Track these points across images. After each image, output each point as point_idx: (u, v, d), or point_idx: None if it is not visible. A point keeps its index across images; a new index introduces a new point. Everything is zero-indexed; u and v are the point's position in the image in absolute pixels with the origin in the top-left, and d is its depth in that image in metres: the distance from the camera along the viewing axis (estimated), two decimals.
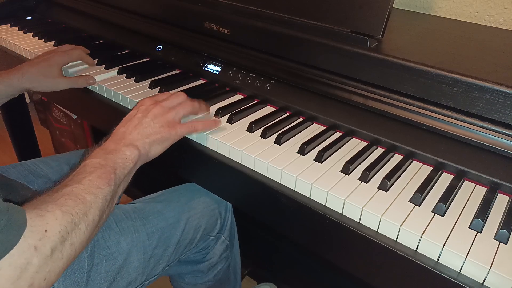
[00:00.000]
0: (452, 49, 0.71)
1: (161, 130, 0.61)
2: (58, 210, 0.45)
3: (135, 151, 0.57)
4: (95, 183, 0.50)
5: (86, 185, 0.50)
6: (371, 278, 0.54)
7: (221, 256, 0.86)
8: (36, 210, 0.43)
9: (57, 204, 0.45)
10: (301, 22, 0.73)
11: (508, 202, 0.54)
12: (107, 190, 0.51)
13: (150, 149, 0.60)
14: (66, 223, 0.44)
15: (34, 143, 1.52)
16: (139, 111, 0.63)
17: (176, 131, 0.62)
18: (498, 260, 0.45)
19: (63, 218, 0.44)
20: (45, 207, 0.44)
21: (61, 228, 0.44)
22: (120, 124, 0.62)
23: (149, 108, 0.63)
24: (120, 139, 0.59)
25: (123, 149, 0.57)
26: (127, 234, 0.67)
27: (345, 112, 0.69)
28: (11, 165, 0.80)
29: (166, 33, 0.93)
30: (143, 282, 0.71)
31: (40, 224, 0.42)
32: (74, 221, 0.46)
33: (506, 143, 0.56)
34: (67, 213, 0.45)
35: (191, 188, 0.81)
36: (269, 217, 0.64)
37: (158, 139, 0.61)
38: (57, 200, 0.46)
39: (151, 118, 0.61)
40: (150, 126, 0.61)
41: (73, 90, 0.87)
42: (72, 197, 0.47)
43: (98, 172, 0.52)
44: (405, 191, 0.56)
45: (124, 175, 0.55)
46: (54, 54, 0.83)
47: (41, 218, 0.43)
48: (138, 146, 0.58)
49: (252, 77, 0.79)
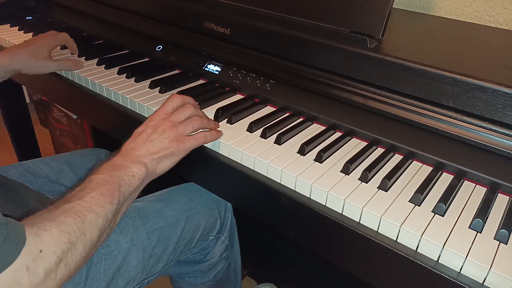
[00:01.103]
0: (452, 49, 0.71)
1: (170, 145, 0.60)
2: (56, 229, 0.43)
3: (142, 168, 0.57)
4: (98, 201, 0.49)
5: (88, 202, 0.49)
6: (371, 278, 0.54)
7: (221, 256, 0.86)
8: (33, 228, 0.42)
9: (56, 222, 0.44)
10: (301, 22, 0.73)
11: (508, 202, 0.54)
12: (109, 209, 0.50)
13: (158, 166, 0.60)
14: (63, 243, 0.43)
15: (34, 143, 1.52)
16: (148, 126, 0.62)
17: (185, 145, 0.61)
18: (498, 260, 0.45)
19: (60, 238, 0.43)
20: (43, 225, 0.43)
21: (57, 248, 0.43)
22: (129, 139, 0.61)
23: (158, 124, 0.62)
24: (128, 155, 0.58)
25: (131, 165, 0.56)
26: (127, 233, 0.67)
27: (345, 112, 0.68)
28: (11, 165, 0.81)
29: (166, 33, 0.93)
30: (142, 281, 0.71)
31: (36, 243, 0.41)
32: (71, 241, 0.44)
33: (506, 143, 0.56)
34: (65, 232, 0.44)
35: (191, 188, 0.81)
36: (269, 217, 0.64)
37: (167, 154, 0.60)
38: (57, 217, 0.45)
39: (160, 133, 0.60)
40: (159, 141, 0.60)
41: (73, 90, 0.88)
42: (72, 215, 0.46)
43: (102, 189, 0.51)
44: (405, 191, 0.56)
45: (129, 193, 0.55)
46: (42, 37, 0.86)
47: (38, 237, 0.41)
48: (146, 163, 0.58)
49: (252, 77, 0.79)
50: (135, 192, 0.57)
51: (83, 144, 1.63)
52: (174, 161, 0.62)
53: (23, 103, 1.44)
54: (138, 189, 0.57)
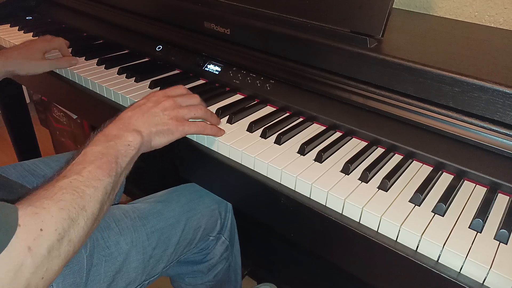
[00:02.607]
0: (452, 49, 0.71)
1: (169, 122, 0.59)
2: (54, 206, 0.42)
3: (138, 137, 0.56)
4: (95, 174, 0.48)
5: (85, 176, 0.47)
6: (371, 278, 0.54)
7: (221, 256, 0.86)
8: (31, 207, 0.41)
9: (54, 200, 0.43)
10: (301, 22, 0.72)
11: (508, 202, 0.54)
12: (107, 181, 0.49)
13: (154, 138, 0.59)
14: (62, 220, 0.42)
15: (34, 143, 1.52)
16: (150, 101, 0.61)
17: (183, 127, 0.61)
18: (498, 260, 0.45)
19: (59, 215, 0.42)
20: (41, 203, 0.42)
21: (58, 225, 0.42)
22: (127, 108, 0.60)
23: (161, 100, 0.61)
24: (124, 124, 0.57)
25: (126, 134, 0.55)
26: (127, 234, 0.67)
27: (345, 112, 0.68)
28: (11, 165, 0.80)
29: (166, 33, 0.93)
30: (143, 282, 0.71)
31: (35, 222, 0.40)
32: (72, 217, 0.44)
33: (506, 143, 0.56)
34: (64, 209, 0.43)
35: (191, 189, 0.81)
36: (269, 217, 0.64)
37: (165, 130, 0.59)
38: (54, 195, 0.44)
39: (161, 109, 0.60)
40: (158, 116, 0.59)
41: (73, 90, 0.88)
42: (69, 190, 0.45)
43: (99, 162, 0.50)
44: (405, 191, 0.56)
45: (126, 163, 0.54)
46: (36, 40, 0.88)
47: (36, 216, 0.41)
48: (142, 133, 0.57)
49: (252, 77, 0.79)
50: (131, 162, 0.56)
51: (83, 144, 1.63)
52: (170, 139, 0.61)
53: (23, 103, 1.44)
54: (134, 158, 0.56)
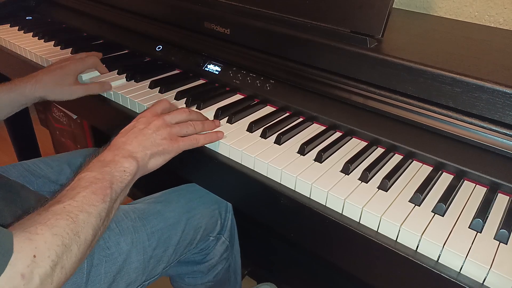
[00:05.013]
0: (452, 49, 0.71)
1: (162, 143, 0.59)
2: (48, 232, 0.42)
3: (133, 163, 0.55)
4: (89, 200, 0.48)
5: (79, 202, 0.47)
6: (371, 278, 0.54)
7: (221, 256, 0.86)
8: (25, 233, 0.41)
9: (47, 226, 0.42)
10: (301, 22, 0.72)
11: (508, 202, 0.54)
12: (101, 207, 0.49)
13: (150, 161, 0.58)
14: (56, 246, 0.42)
15: (34, 143, 1.52)
16: (140, 122, 0.61)
17: (178, 144, 0.60)
18: (498, 260, 0.45)
19: (53, 241, 0.42)
20: (34, 229, 0.42)
21: (51, 252, 0.41)
22: (119, 134, 0.60)
23: (150, 120, 0.61)
24: (119, 150, 0.56)
25: (121, 160, 0.54)
26: (127, 234, 0.67)
27: (345, 112, 0.68)
28: (11, 165, 0.80)
29: (166, 33, 0.93)
30: (143, 283, 0.71)
31: (29, 249, 0.40)
32: (65, 243, 0.43)
33: (506, 143, 0.56)
34: (58, 235, 0.43)
35: (191, 189, 0.81)
36: (269, 217, 0.64)
37: (160, 151, 0.59)
38: (48, 220, 0.43)
39: (153, 130, 0.59)
40: (151, 137, 0.58)
41: None
42: (64, 216, 0.44)
43: (93, 187, 0.49)
44: (405, 191, 0.56)
45: (121, 189, 0.53)
46: (69, 62, 0.79)
47: (30, 242, 0.40)
48: (137, 158, 0.56)
49: (252, 77, 0.79)
50: (127, 188, 0.55)
51: (83, 144, 1.63)
52: (166, 159, 0.60)
53: None
54: (129, 184, 0.56)
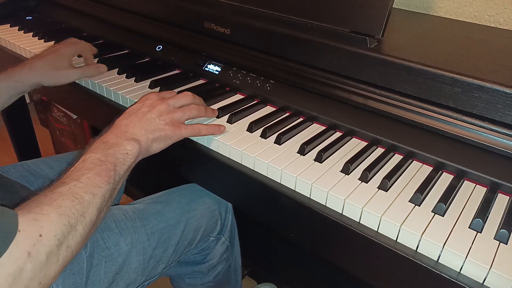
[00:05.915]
0: (452, 49, 0.71)
1: (165, 128, 0.60)
2: (53, 212, 0.43)
3: (136, 146, 0.56)
4: (94, 181, 0.49)
5: (84, 183, 0.48)
6: (371, 278, 0.54)
7: (222, 257, 0.86)
8: (31, 214, 0.42)
9: (53, 206, 0.43)
10: (301, 22, 0.72)
11: (508, 202, 0.54)
12: (106, 188, 0.50)
13: (152, 145, 0.59)
14: (62, 226, 0.43)
15: (34, 143, 1.52)
16: (145, 105, 0.61)
17: (180, 131, 0.62)
18: (498, 260, 0.45)
19: (59, 221, 0.43)
20: (40, 209, 0.43)
21: (57, 231, 0.42)
22: (122, 115, 0.60)
23: (155, 104, 0.61)
24: (122, 132, 0.57)
25: (125, 143, 0.55)
26: (127, 235, 0.67)
27: (345, 112, 0.68)
28: (11, 165, 0.80)
29: (166, 33, 0.93)
30: (143, 283, 0.71)
31: (34, 228, 0.41)
32: (71, 223, 0.44)
33: (506, 143, 0.56)
34: (64, 215, 0.44)
35: (191, 189, 0.81)
36: (269, 217, 0.64)
37: (162, 136, 0.60)
38: (54, 201, 0.44)
39: (157, 115, 0.60)
40: (155, 122, 0.59)
41: (73, 90, 0.87)
42: (69, 197, 0.45)
43: (98, 169, 0.50)
44: (405, 191, 0.56)
45: (124, 171, 0.54)
46: (62, 46, 0.81)
47: (35, 222, 0.41)
48: (140, 141, 0.57)
49: (252, 77, 0.79)
50: (129, 170, 0.56)
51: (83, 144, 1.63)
52: (167, 144, 0.61)
53: (23, 103, 1.43)
54: (131, 166, 0.57)
